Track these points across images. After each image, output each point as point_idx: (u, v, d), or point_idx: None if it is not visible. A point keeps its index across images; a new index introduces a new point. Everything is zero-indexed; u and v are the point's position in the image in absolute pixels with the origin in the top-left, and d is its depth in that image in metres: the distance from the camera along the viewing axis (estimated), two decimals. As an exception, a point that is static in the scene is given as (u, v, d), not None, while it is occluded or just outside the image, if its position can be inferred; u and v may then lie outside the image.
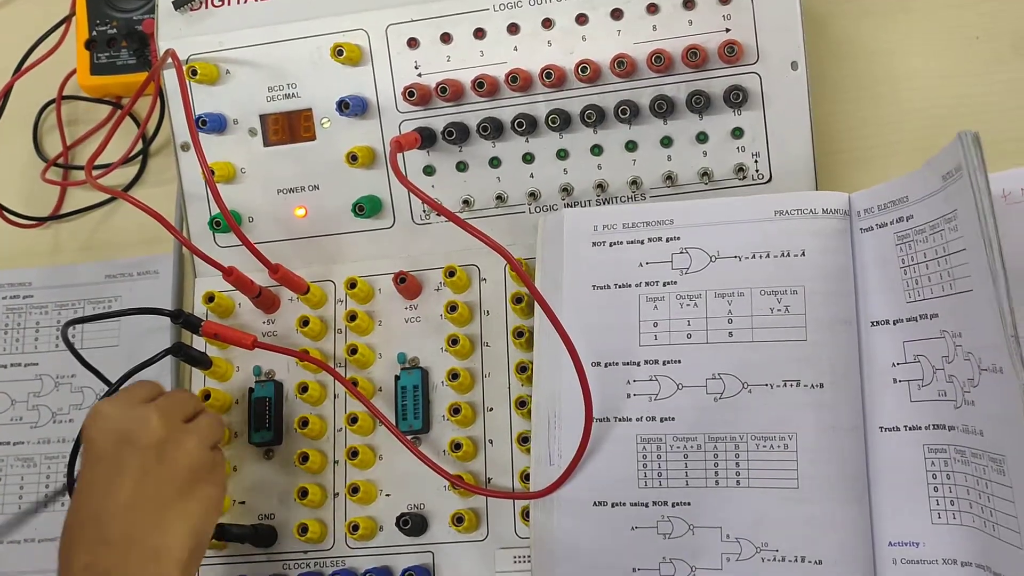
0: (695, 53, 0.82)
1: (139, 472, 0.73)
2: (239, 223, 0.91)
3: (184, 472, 0.75)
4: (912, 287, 0.74)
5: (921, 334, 0.73)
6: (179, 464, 0.74)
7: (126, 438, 0.74)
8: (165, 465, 0.74)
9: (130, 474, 0.73)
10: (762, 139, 0.84)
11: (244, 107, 0.91)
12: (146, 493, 0.72)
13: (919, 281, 0.74)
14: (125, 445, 0.74)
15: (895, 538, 0.72)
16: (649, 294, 0.81)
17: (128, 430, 0.74)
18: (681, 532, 0.76)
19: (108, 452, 0.74)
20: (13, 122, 1.04)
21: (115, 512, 0.72)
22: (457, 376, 0.83)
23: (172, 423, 0.76)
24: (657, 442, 0.78)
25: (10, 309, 0.99)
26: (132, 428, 0.74)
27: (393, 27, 0.88)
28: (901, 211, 0.76)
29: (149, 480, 0.73)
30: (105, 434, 0.74)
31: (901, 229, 0.76)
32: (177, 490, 0.74)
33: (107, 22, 1.01)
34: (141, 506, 0.72)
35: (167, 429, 0.75)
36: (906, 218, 0.75)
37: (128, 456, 0.73)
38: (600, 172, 0.86)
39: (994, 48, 0.86)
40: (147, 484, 0.73)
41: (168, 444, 0.74)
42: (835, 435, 0.75)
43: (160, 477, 0.73)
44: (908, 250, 0.75)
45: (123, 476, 0.73)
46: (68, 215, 1.02)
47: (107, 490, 0.72)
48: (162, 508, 0.73)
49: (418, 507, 0.84)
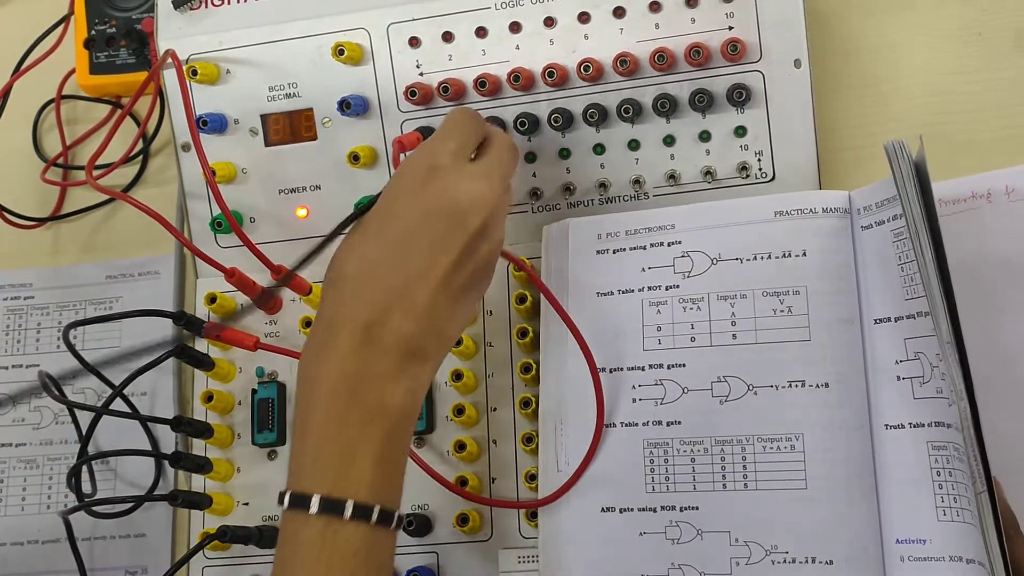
0: (698, 51, 0.82)
1: (458, 255, 0.67)
2: (240, 224, 0.91)
3: (486, 268, 0.70)
4: (908, 284, 0.74)
5: (919, 331, 0.73)
6: (485, 261, 0.70)
7: (459, 212, 0.67)
8: (476, 258, 0.69)
9: (450, 254, 0.67)
10: (765, 137, 0.83)
11: (245, 107, 0.90)
12: (456, 278, 0.67)
13: (913, 278, 0.74)
14: (455, 219, 0.67)
15: (903, 536, 0.72)
16: (652, 299, 0.81)
17: (464, 203, 0.67)
18: (690, 537, 0.76)
19: (435, 215, 0.67)
20: (12, 122, 1.03)
21: (428, 282, 0.66)
22: (461, 376, 0.83)
23: (499, 204, 0.70)
24: (664, 446, 0.78)
25: (11, 310, 0.99)
26: (469, 203, 0.68)
27: (394, 26, 0.87)
28: (896, 208, 0.76)
29: (463, 267, 0.68)
30: (440, 191, 0.68)
31: (897, 226, 0.75)
32: (474, 284, 0.69)
33: (106, 21, 1.01)
34: (448, 289, 0.67)
35: (493, 216, 0.69)
36: (900, 215, 0.75)
37: (454, 234, 0.67)
38: (603, 171, 0.86)
39: (996, 44, 0.85)
40: (460, 271, 0.67)
41: (485, 236, 0.69)
42: (842, 434, 0.75)
43: (469, 269, 0.68)
44: (903, 247, 0.75)
45: (444, 253, 0.67)
46: (68, 215, 1.02)
47: (429, 255, 0.66)
48: (459, 297, 0.68)
49: (422, 508, 0.84)
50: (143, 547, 0.90)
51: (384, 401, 0.64)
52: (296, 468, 0.64)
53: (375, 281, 0.66)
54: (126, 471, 0.92)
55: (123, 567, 0.90)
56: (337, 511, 0.61)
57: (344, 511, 0.61)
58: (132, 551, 0.90)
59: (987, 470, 0.66)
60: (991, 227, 0.77)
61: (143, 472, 0.91)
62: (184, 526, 0.90)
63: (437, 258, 0.67)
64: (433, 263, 0.66)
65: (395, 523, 0.64)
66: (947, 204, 0.79)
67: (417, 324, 0.66)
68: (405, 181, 0.69)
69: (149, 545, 0.90)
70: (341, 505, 0.61)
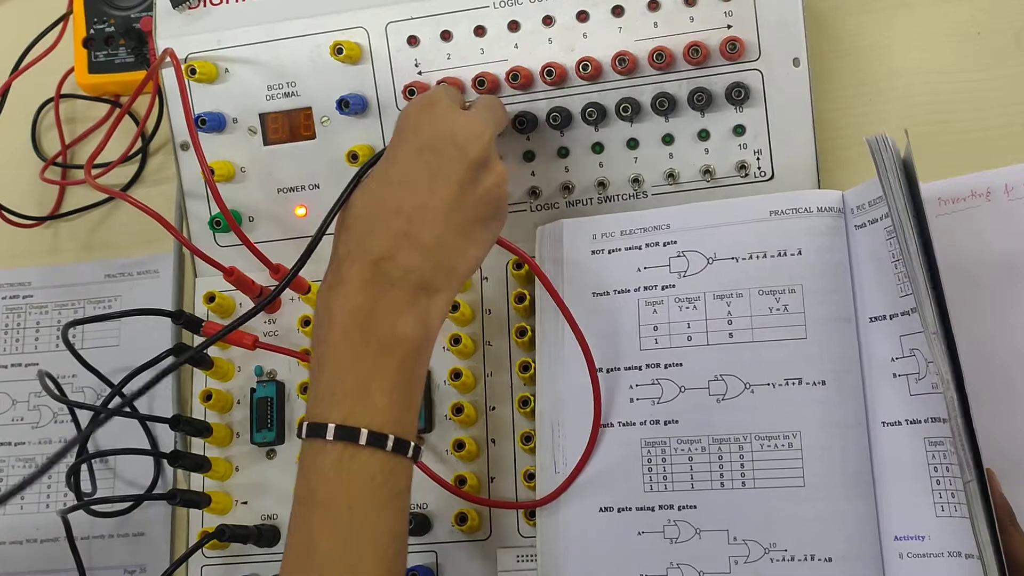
0: (696, 50, 0.82)
1: (459, 185, 0.69)
2: (239, 223, 0.91)
3: (491, 202, 0.72)
4: (902, 281, 0.74)
5: (914, 328, 0.73)
6: (490, 193, 0.71)
7: (456, 144, 0.70)
8: (479, 188, 0.71)
9: (451, 183, 0.69)
10: (764, 136, 0.83)
11: (243, 106, 0.90)
12: (460, 209, 0.69)
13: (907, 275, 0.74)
14: (454, 150, 0.70)
15: (901, 532, 0.72)
16: (648, 298, 0.81)
17: (462, 137, 0.70)
18: (688, 536, 0.76)
19: (434, 150, 0.70)
20: (11, 121, 1.03)
21: (432, 216, 0.68)
22: (459, 375, 0.83)
23: (493, 141, 0.72)
24: (661, 446, 0.78)
25: (10, 309, 0.99)
26: (466, 137, 0.70)
27: (393, 25, 0.87)
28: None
29: (465, 198, 0.70)
30: (436, 131, 0.70)
31: (890, 224, 0.75)
32: (480, 217, 0.71)
33: (105, 20, 1.01)
34: (453, 220, 0.69)
35: (491, 151, 0.72)
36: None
37: (454, 164, 0.69)
38: (601, 170, 0.86)
39: (996, 43, 0.85)
40: (463, 201, 0.69)
41: (486, 169, 0.71)
42: (839, 432, 0.75)
43: (472, 199, 0.70)
44: (896, 245, 0.75)
45: (445, 183, 0.69)
46: (67, 214, 1.02)
47: (430, 189, 0.69)
48: (466, 230, 0.70)
49: (421, 507, 0.84)
50: (142, 546, 0.90)
51: (396, 333, 0.67)
52: (313, 400, 0.67)
53: (382, 218, 0.68)
54: (125, 470, 0.92)
55: (122, 566, 0.90)
56: (352, 438, 0.64)
57: (359, 438, 0.64)
58: (131, 550, 0.90)
59: (978, 461, 0.66)
60: (990, 226, 0.77)
61: (142, 471, 0.91)
62: (183, 525, 0.90)
63: (438, 190, 0.69)
64: (435, 195, 0.69)
65: (412, 452, 0.66)
66: (946, 203, 0.79)
67: (424, 257, 0.68)
68: (404, 126, 0.72)
69: (148, 544, 0.90)
70: (356, 432, 0.64)
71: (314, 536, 0.64)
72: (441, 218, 0.69)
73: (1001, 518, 0.66)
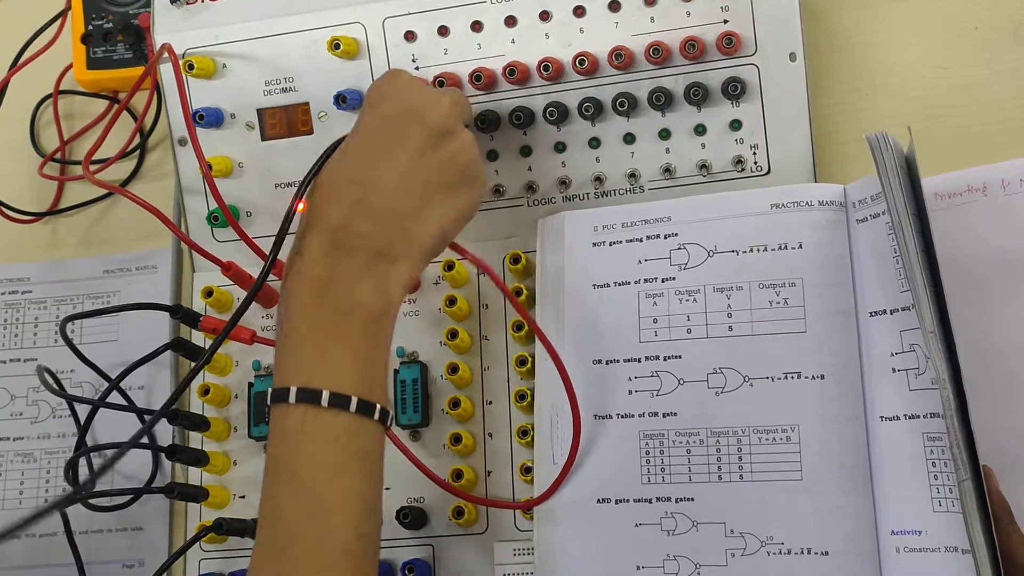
0: (693, 45, 0.82)
1: (417, 151, 0.71)
2: (237, 218, 0.91)
3: (455, 168, 0.73)
4: (903, 276, 0.74)
5: (914, 323, 0.73)
6: (454, 159, 0.73)
7: (415, 111, 0.72)
8: (440, 154, 0.72)
9: (409, 149, 0.71)
10: (760, 131, 0.83)
11: (241, 101, 0.90)
12: (418, 175, 0.71)
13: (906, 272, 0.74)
14: (413, 117, 0.72)
15: (898, 527, 0.72)
16: (648, 291, 0.81)
17: (420, 105, 0.72)
18: (685, 528, 0.76)
19: (394, 119, 0.72)
20: (10, 117, 1.03)
21: (386, 183, 0.70)
22: (456, 370, 0.83)
23: (458, 116, 0.74)
24: (660, 438, 0.78)
25: (8, 304, 0.99)
26: (424, 104, 0.72)
27: (390, 20, 0.88)
28: None
29: (425, 163, 0.71)
30: (396, 100, 0.73)
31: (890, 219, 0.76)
32: (443, 183, 0.72)
33: (103, 16, 1.01)
34: (410, 186, 0.70)
35: (454, 120, 0.73)
36: None
37: (412, 130, 0.71)
38: (598, 165, 0.86)
39: (993, 37, 0.85)
40: (422, 166, 0.71)
41: (449, 135, 0.73)
42: (837, 426, 0.75)
43: (433, 164, 0.71)
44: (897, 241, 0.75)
45: (403, 149, 0.71)
46: (66, 210, 1.02)
47: (387, 156, 0.70)
48: (426, 196, 0.71)
49: (418, 501, 0.84)
50: (140, 540, 0.90)
51: (354, 299, 0.67)
52: (278, 369, 0.67)
53: (339, 188, 0.70)
54: (123, 464, 0.92)
55: (120, 560, 0.90)
56: (314, 400, 0.65)
57: (321, 399, 0.65)
58: (129, 544, 0.90)
59: (975, 459, 0.66)
60: (986, 221, 0.77)
61: (140, 465, 0.91)
62: (181, 519, 0.90)
63: (395, 156, 0.70)
64: (392, 161, 0.70)
65: (379, 414, 0.67)
66: (942, 198, 0.79)
67: (379, 223, 0.69)
68: (367, 101, 0.74)
69: (146, 538, 0.90)
70: (317, 394, 0.65)
71: (281, 505, 0.65)
72: (396, 184, 0.70)
73: (999, 516, 0.66)
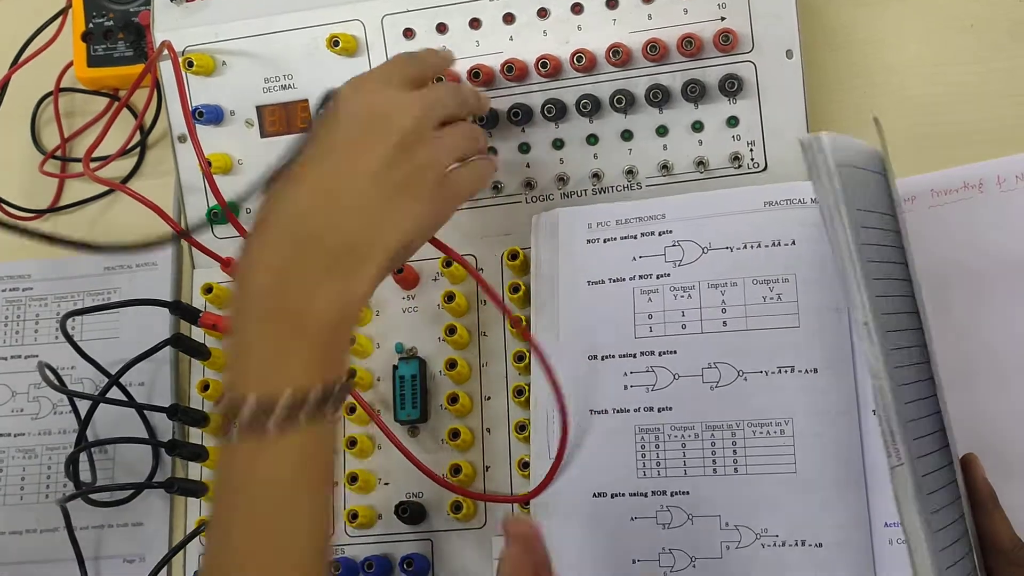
0: (690, 42, 0.82)
1: (380, 160, 0.68)
2: (237, 214, 0.91)
3: (424, 172, 0.70)
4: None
5: None
6: (423, 163, 0.70)
7: (380, 117, 0.69)
8: (413, 159, 0.69)
9: (374, 156, 0.68)
10: (757, 128, 0.84)
11: (241, 98, 0.91)
12: (383, 181, 0.68)
13: None
14: (377, 123, 0.69)
15: (891, 519, 0.72)
16: (643, 287, 0.81)
17: (385, 111, 0.69)
18: (680, 522, 0.77)
19: (357, 124, 0.69)
20: (11, 115, 1.04)
21: (351, 188, 0.67)
22: (455, 365, 0.84)
23: (429, 122, 0.71)
24: (655, 432, 0.78)
25: (10, 301, 0.99)
26: (390, 111, 0.70)
27: (389, 17, 0.88)
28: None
29: (389, 171, 0.68)
30: (359, 105, 0.70)
31: None
32: (406, 186, 0.69)
33: (103, 14, 1.01)
34: (374, 192, 0.67)
35: (423, 126, 0.70)
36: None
37: (377, 136, 0.68)
38: (596, 161, 0.86)
39: (990, 35, 0.85)
40: (388, 174, 0.68)
41: (418, 144, 0.70)
42: (830, 419, 0.75)
43: (398, 172, 0.68)
44: None
45: (368, 155, 0.68)
46: (67, 207, 1.02)
47: (350, 161, 0.68)
48: (388, 204, 0.68)
49: (416, 495, 0.84)
50: (140, 535, 0.91)
51: (311, 305, 0.64)
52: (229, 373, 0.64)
53: (299, 192, 0.66)
54: (123, 460, 0.92)
55: (121, 555, 0.91)
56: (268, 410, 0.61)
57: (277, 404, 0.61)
58: (130, 539, 0.91)
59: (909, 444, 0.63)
60: (982, 217, 0.78)
61: (140, 461, 0.91)
62: (181, 514, 0.90)
63: (356, 160, 0.67)
64: (352, 166, 0.67)
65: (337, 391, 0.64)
66: (938, 195, 0.79)
67: (339, 228, 0.66)
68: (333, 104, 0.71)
69: (146, 533, 0.90)
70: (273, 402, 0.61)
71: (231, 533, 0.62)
72: (358, 188, 0.67)
73: (985, 501, 0.66)
